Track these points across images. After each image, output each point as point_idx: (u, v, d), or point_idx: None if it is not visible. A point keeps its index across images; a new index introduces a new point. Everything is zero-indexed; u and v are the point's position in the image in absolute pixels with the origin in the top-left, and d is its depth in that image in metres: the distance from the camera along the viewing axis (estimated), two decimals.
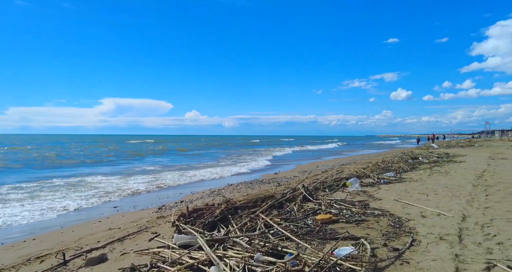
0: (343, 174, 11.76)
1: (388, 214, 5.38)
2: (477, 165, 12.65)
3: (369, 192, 7.37)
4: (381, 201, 6.39)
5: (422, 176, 9.97)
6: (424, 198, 6.41)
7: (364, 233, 4.40)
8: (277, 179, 12.24)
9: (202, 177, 13.66)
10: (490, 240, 3.88)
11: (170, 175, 14.52)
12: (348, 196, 6.91)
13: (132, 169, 17.20)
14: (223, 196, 6.77)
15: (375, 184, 8.50)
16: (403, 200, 6.25)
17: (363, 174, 10.42)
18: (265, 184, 10.59)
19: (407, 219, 5.00)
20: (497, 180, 8.37)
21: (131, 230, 5.06)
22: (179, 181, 12.42)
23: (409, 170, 11.95)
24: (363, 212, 5.48)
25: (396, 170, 11.78)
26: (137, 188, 10.73)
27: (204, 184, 11.73)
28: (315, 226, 4.83)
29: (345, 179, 9.08)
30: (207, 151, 37.24)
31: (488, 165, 12.19)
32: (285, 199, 6.17)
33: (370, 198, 6.72)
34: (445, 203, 5.90)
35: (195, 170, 16.45)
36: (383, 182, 8.80)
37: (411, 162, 15.04)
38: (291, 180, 11.75)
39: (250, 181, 11.52)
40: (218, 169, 16.75)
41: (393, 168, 12.22)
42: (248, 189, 9.59)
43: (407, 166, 12.79)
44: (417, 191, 7.23)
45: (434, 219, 4.92)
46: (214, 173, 15.09)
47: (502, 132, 68.04)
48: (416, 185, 7.99)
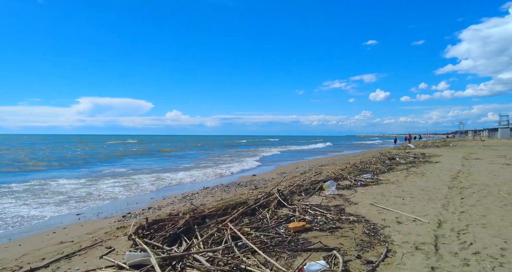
0: (321, 175, 11.60)
1: (364, 220, 5.16)
2: (451, 165, 12.83)
3: (346, 195, 7.17)
4: (357, 205, 6.18)
5: (398, 177, 9.92)
6: (400, 202, 6.26)
7: (337, 243, 4.13)
8: (255, 181, 11.91)
9: (179, 180, 13.12)
10: (466, 249, 3.69)
11: (144, 178, 13.87)
12: (324, 200, 6.66)
13: (104, 172, 16.37)
14: (191, 203, 6.33)
15: (352, 187, 8.33)
16: (379, 205, 6.06)
17: (340, 176, 10.27)
18: (242, 187, 10.23)
19: (382, 226, 4.78)
20: (471, 181, 8.39)
21: (84, 243, 4.56)
22: (153, 185, 11.84)
23: (386, 171, 11.94)
24: (338, 218, 5.23)
25: (373, 171, 11.74)
26: (106, 193, 10.09)
27: (178, 188, 11.22)
28: (287, 235, 4.53)
29: (322, 181, 8.87)
30: (189, 152, 36.39)
31: (462, 166, 12.38)
32: (259, 205, 5.84)
33: (346, 202, 6.50)
34: (421, 207, 5.75)
35: (173, 172, 15.85)
36: (360, 185, 8.65)
37: (388, 162, 15.12)
38: (268, 182, 11.45)
39: (227, 184, 11.12)
40: (197, 172, 16.23)
41: (370, 169, 12.18)
42: (224, 193, 9.20)
43: (384, 167, 12.79)
44: (393, 194, 7.10)
45: (410, 226, 4.73)
46: (192, 176, 14.57)
47: (474, 132, 71.00)
48: (393, 188, 7.87)
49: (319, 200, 6.70)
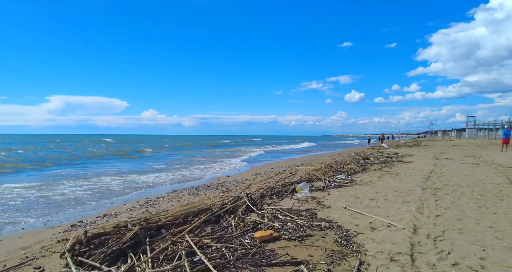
0: (296, 176, 11.25)
1: (336, 226, 4.78)
2: (424, 165, 12.91)
3: (319, 198, 6.81)
4: (329, 209, 5.81)
5: (372, 178, 9.75)
6: (374, 205, 5.96)
7: (307, 254, 3.71)
8: (227, 183, 11.38)
9: (148, 183, 12.34)
10: (444, 260, 3.37)
11: (110, 180, 12.97)
12: (296, 204, 6.26)
13: (66, 174, 15.22)
14: (147, 211, 5.72)
15: (326, 189, 8.00)
16: (352, 208, 5.72)
17: (314, 177, 9.95)
18: (213, 190, 9.67)
19: (355, 233, 4.42)
20: (444, 182, 8.31)
21: (11, 262, 3.86)
22: (118, 188, 11.01)
23: (360, 171, 11.79)
24: (309, 225, 4.82)
25: (348, 171, 11.55)
26: (63, 197, 9.19)
27: (145, 192, 10.48)
28: (252, 246, 4.06)
29: (296, 183, 8.50)
30: (167, 153, 35.11)
31: (434, 166, 12.46)
32: (225, 211, 5.33)
33: (318, 205, 6.13)
34: (395, 211, 5.47)
35: (143, 174, 15.00)
36: (334, 186, 8.35)
37: (362, 162, 15.06)
38: (241, 184, 10.96)
39: (197, 187, 10.51)
40: (170, 173, 15.45)
41: (345, 170, 11.99)
42: (192, 196, 8.60)
43: (358, 167, 12.66)
44: (367, 196, 6.81)
45: (384, 232, 4.39)
46: (162, 178, 13.81)
47: (444, 132, 74.16)
48: (367, 189, 7.61)
49: (291, 204, 6.29)
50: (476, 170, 10.56)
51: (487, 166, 11.64)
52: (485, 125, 64.55)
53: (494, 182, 8.02)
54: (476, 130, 63.34)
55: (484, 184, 7.79)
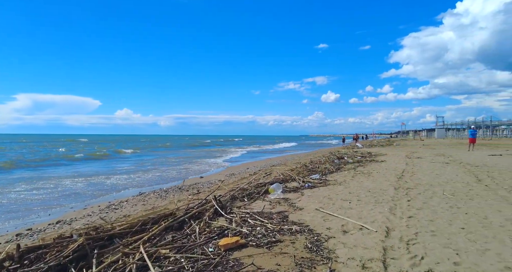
0: (271, 177, 11.00)
1: (307, 229, 4.52)
2: (396, 164, 13.07)
3: (291, 199, 6.55)
4: (301, 211, 5.56)
5: (346, 177, 9.66)
6: (347, 206, 5.78)
7: (274, 263, 3.40)
8: (200, 184, 10.93)
9: (117, 186, 11.63)
10: (418, 266, 3.18)
11: (75, 183, 12.12)
12: (268, 206, 5.96)
13: (26, 176, 14.11)
14: (100, 217, 5.22)
15: (299, 189, 7.78)
16: (325, 210, 5.50)
17: (289, 177, 9.73)
18: (183, 192, 9.20)
19: (327, 237, 4.18)
20: (416, 181, 8.33)
21: None
22: (82, 191, 10.27)
23: (334, 171, 11.73)
24: (280, 229, 4.53)
25: (322, 171, 11.45)
26: (15, 202, 8.38)
27: (111, 196, 9.82)
28: (216, 255, 3.70)
29: (269, 183, 8.23)
30: (147, 152, 33.80)
31: (406, 165, 12.64)
32: (190, 216, 4.93)
33: (290, 207, 5.86)
34: (368, 212, 5.30)
35: (114, 176, 14.18)
36: (308, 186, 8.15)
37: (337, 162, 15.09)
38: (214, 185, 10.55)
39: (166, 189, 9.98)
40: (143, 175, 14.73)
41: (319, 170, 11.89)
42: (159, 199, 8.10)
43: (333, 167, 12.61)
44: (340, 196, 6.64)
45: (357, 235, 4.18)
46: (134, 180, 13.11)
47: (415, 132, 77.09)
48: (340, 189, 7.46)
49: (262, 206, 5.99)
50: (446, 169, 10.76)
51: (456, 165, 11.93)
52: (453, 125, 67.79)
53: (464, 181, 8.12)
54: (445, 130, 66.34)
55: (454, 183, 7.87)
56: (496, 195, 6.42)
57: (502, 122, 53.66)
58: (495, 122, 53.22)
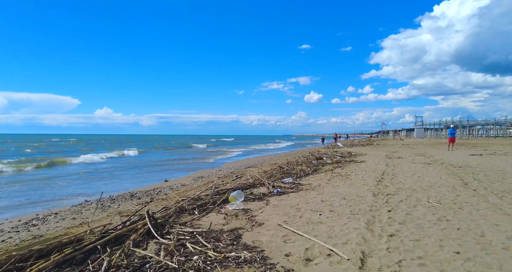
0: (240, 180, 9.92)
1: (260, 257, 3.44)
2: (376, 165, 12.28)
3: (252, 210, 5.47)
4: (261, 227, 4.48)
5: (321, 181, 8.70)
6: (316, 220, 4.75)
7: None
8: (159, 189, 9.67)
9: (70, 192, 10.20)
10: None
11: (14, 189, 10.59)
12: (221, 221, 4.86)
13: None
14: None
15: (266, 196, 6.71)
16: (289, 226, 4.44)
17: (258, 181, 8.67)
18: (134, 200, 7.93)
19: (283, 269, 3.11)
20: (397, 185, 7.45)
21: None
22: (17, 200, 8.81)
23: (310, 173, 10.77)
24: (224, 258, 3.43)
25: (297, 173, 10.47)
26: None
27: (49, 204, 8.40)
28: None
29: (232, 190, 7.13)
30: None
31: (386, 166, 11.85)
32: (105, 241, 3.72)
33: (249, 222, 4.78)
34: (341, 228, 4.28)
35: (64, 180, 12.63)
36: (277, 192, 7.10)
37: (315, 163, 14.19)
38: (175, 191, 9.34)
39: (116, 197, 8.65)
40: (106, 181, 13.25)
41: (294, 172, 10.91)
42: (97, 211, 6.77)
43: (309, 169, 11.66)
44: (310, 206, 5.62)
45: (323, 266, 3.14)
46: (91, 186, 11.67)
47: (395, 132, 78.10)
48: (312, 196, 6.45)
49: (215, 221, 4.88)
50: (429, 171, 10.00)
51: (438, 166, 11.23)
52: (431, 125, 69.04)
53: (449, 185, 7.30)
54: (424, 130, 67.41)
55: (439, 188, 7.03)
56: (487, 202, 5.58)
57: (478, 122, 54.90)
58: (472, 122, 54.36)
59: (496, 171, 9.49)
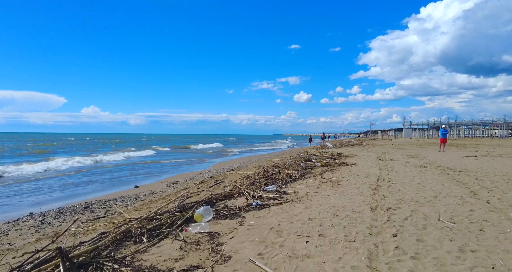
0: (220, 186, 8.75)
1: None
2: (369, 169, 11.28)
3: (221, 234, 4.28)
4: (226, 265, 3.30)
5: (310, 188, 7.60)
6: (302, 251, 3.59)
7: None
8: (122, 199, 8.38)
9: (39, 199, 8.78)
10: None
11: None
12: (175, 254, 3.65)
13: None
14: None
15: (242, 211, 5.54)
16: (264, 264, 3.27)
17: (236, 190, 7.49)
18: (85, 214, 6.62)
19: None
20: (396, 195, 6.38)
21: None
22: None
23: (298, 178, 9.66)
24: None
25: (283, 179, 9.33)
26: None
27: None
28: None
29: (202, 203, 5.94)
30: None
31: (380, 169, 10.85)
32: None
33: (211, 254, 3.59)
34: (334, 268, 3.14)
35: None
36: (256, 205, 5.93)
37: (303, 165, 13.12)
38: (140, 201, 8.08)
39: (68, 207, 7.33)
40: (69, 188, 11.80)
41: (279, 177, 9.78)
42: (30, 230, 5.45)
43: (297, 172, 10.55)
44: (295, 226, 4.47)
45: None
46: (56, 194, 10.25)
47: (383, 132, 78.18)
48: (297, 212, 5.30)
49: (167, 253, 3.67)
50: (427, 176, 9.03)
51: (436, 170, 10.29)
52: (419, 125, 69.28)
53: (456, 195, 6.29)
54: (412, 130, 67.56)
55: (445, 199, 6.00)
56: (510, 220, 4.56)
57: (465, 122, 55.17)
58: (460, 122, 54.57)
59: (501, 176, 8.58)
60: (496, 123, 51.79)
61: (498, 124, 52.10)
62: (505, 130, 51.22)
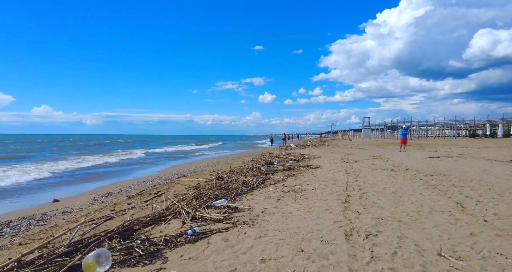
0: (155, 202, 7.02)
1: None
2: (334, 173, 10.13)
3: None
4: None
5: (268, 202, 6.14)
6: None
7: None
8: (15, 222, 6.30)
9: None
10: None
11: None
12: None
13: None
14: None
15: (168, 247, 3.88)
16: None
17: (173, 209, 5.79)
18: None
19: None
20: (372, 211, 5.09)
21: None
22: None
23: (256, 186, 8.19)
24: None
25: (237, 189, 7.78)
26: None
27: None
28: None
29: (114, 234, 4.19)
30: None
31: (346, 174, 9.72)
32: None
33: None
34: None
35: None
36: (192, 233, 4.31)
37: (263, 170, 11.71)
38: (46, 224, 6.07)
39: None
40: None
41: (234, 185, 8.23)
42: None
43: (256, 179, 9.09)
44: None
45: None
46: None
47: (343, 132, 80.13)
48: (247, 245, 3.76)
49: None
50: (399, 181, 8.00)
51: (405, 174, 9.36)
52: (376, 126, 71.79)
53: (442, 209, 5.15)
54: (370, 130, 69.73)
55: (431, 215, 4.82)
56: None
57: (420, 122, 57.81)
58: (415, 123, 57.04)
59: (477, 181, 7.77)
60: (447, 124, 54.86)
61: (449, 124, 55.25)
62: (455, 130, 54.40)
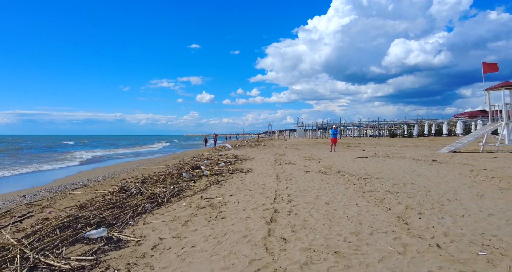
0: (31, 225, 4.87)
1: None
2: (265, 178, 8.98)
3: None
4: None
5: (171, 226, 4.58)
6: None
7: None
8: None
9: None
10: None
11: None
12: None
13: None
14: None
15: None
16: None
17: (36, 247, 3.81)
18: None
19: None
20: (302, 237, 3.85)
21: None
22: None
23: (166, 199, 6.52)
24: None
25: (138, 206, 6.00)
26: None
27: None
28: None
29: None
30: None
31: (277, 179, 8.61)
32: None
33: None
34: None
35: None
36: None
37: (185, 176, 10.04)
38: None
39: None
40: None
41: (136, 202, 6.41)
42: None
43: (170, 190, 7.39)
44: None
45: None
46: None
47: (279, 132, 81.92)
48: None
49: None
50: (332, 188, 7.10)
51: (338, 178, 8.62)
52: (309, 126, 74.87)
53: (385, 229, 4.17)
54: (304, 131, 72.41)
55: (373, 238, 3.78)
56: None
57: (347, 123, 61.71)
58: (343, 124, 60.63)
59: (410, 185, 7.27)
60: (371, 124, 59.51)
61: (372, 125, 60.03)
62: (377, 130, 59.29)
